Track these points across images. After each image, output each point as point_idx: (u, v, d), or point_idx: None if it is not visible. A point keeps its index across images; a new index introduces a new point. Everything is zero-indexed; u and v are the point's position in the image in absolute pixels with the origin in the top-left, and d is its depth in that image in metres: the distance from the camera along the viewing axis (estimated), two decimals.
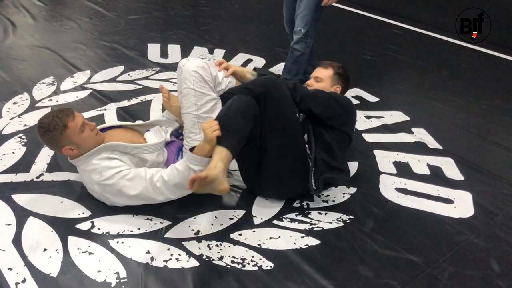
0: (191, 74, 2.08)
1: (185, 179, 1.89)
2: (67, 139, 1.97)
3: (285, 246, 1.96)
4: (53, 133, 1.94)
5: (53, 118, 1.95)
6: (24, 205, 2.09)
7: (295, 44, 3.05)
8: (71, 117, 1.97)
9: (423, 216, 2.19)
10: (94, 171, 2.00)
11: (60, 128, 1.94)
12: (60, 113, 1.97)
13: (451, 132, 2.96)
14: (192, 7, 5.29)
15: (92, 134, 2.03)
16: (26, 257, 1.82)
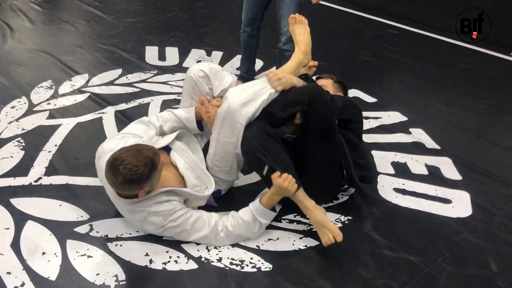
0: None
1: (249, 230, 1.93)
2: (150, 181, 1.74)
3: (284, 247, 1.96)
4: (142, 175, 1.69)
5: (142, 158, 1.69)
6: (22, 209, 2.09)
7: (285, 45, 3.03)
8: (159, 155, 1.75)
9: (421, 216, 2.20)
10: (155, 214, 1.84)
11: (148, 171, 1.70)
12: (148, 151, 1.72)
13: (449, 132, 2.96)
14: (190, 9, 5.30)
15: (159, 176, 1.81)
16: (25, 261, 1.82)
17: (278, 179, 1.88)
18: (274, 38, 4.29)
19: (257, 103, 2.00)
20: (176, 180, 1.97)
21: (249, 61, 3.44)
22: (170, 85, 3.36)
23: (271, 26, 4.66)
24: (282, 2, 2.94)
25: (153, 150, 1.76)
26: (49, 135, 2.67)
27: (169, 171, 1.98)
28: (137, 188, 1.74)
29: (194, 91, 2.23)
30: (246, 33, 3.28)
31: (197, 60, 3.85)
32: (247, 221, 1.92)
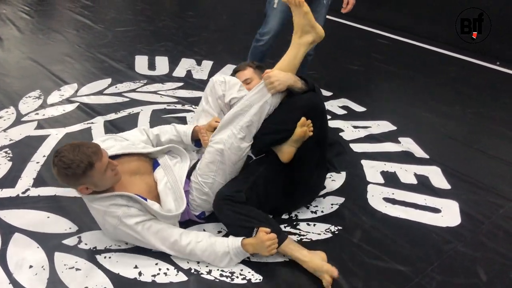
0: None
1: (217, 261, 1.89)
2: (88, 179, 1.76)
3: (274, 258, 1.95)
4: (75, 171, 1.72)
5: (78, 154, 1.72)
6: (9, 221, 2.07)
7: (312, 50, 3.01)
8: (99, 155, 1.75)
9: (411, 226, 2.21)
10: (111, 215, 1.84)
11: (83, 168, 1.72)
12: (88, 149, 1.74)
13: (437, 141, 2.99)
14: (180, 18, 5.31)
15: (113, 174, 1.81)
16: (12, 275, 1.79)
17: (264, 235, 1.85)
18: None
19: (251, 112, 1.99)
20: (146, 191, 1.94)
21: None
22: (160, 95, 3.35)
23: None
24: (315, 13, 2.83)
25: (93, 149, 1.76)
26: (37, 145, 2.65)
27: (143, 181, 1.98)
28: (74, 184, 1.78)
29: (211, 93, 2.25)
30: (267, 45, 3.13)
31: (187, 69, 3.85)
32: (220, 254, 1.87)
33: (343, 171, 2.53)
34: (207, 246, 1.88)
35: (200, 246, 1.88)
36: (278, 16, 2.99)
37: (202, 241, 1.90)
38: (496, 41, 4.40)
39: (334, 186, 2.45)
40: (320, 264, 1.86)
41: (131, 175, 1.98)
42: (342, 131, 3.01)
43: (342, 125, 3.08)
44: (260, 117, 2.01)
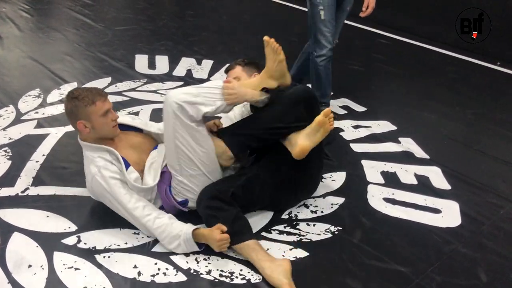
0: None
1: (166, 242, 1.92)
2: (87, 115, 1.97)
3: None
4: (79, 103, 1.96)
5: (86, 90, 2.00)
6: (8, 221, 2.06)
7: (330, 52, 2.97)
8: (103, 98, 2.00)
9: (411, 226, 2.20)
10: (93, 163, 2.00)
11: (87, 101, 1.96)
12: (95, 90, 2.02)
13: (437, 141, 2.98)
14: (180, 18, 5.30)
15: (111, 124, 2.03)
16: (11, 274, 1.79)
17: (216, 233, 1.87)
18: None
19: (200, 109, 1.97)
20: (135, 163, 2.06)
21: (330, 88, 3.12)
22: (160, 94, 3.34)
23: (261, 36, 4.69)
24: (339, 19, 2.97)
25: (100, 92, 2.02)
26: (36, 144, 2.64)
27: (137, 155, 2.11)
28: (76, 116, 1.99)
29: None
30: (329, 58, 2.97)
31: (187, 68, 3.84)
32: (171, 235, 1.91)
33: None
34: (164, 224, 1.93)
35: (157, 222, 1.94)
36: (328, 27, 2.90)
37: (162, 218, 1.95)
38: (496, 41, 4.40)
39: (334, 186, 2.45)
40: (278, 282, 1.79)
41: (131, 147, 2.13)
42: (342, 131, 3.01)
43: (342, 125, 3.08)
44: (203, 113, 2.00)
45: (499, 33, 4.33)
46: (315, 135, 2.02)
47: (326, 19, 2.89)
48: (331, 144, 2.71)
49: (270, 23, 5.27)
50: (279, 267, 1.83)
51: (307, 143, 2.01)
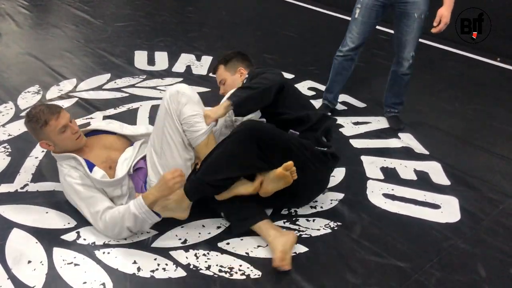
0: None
1: (122, 220, 1.91)
2: (45, 135, 2.02)
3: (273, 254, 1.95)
4: (34, 125, 2.01)
5: (39, 111, 2.02)
6: (8, 217, 2.06)
7: (408, 69, 2.91)
8: (56, 116, 2.01)
9: (410, 222, 2.20)
10: (61, 172, 2.07)
11: (41, 123, 2.00)
12: (47, 109, 2.03)
13: (437, 137, 2.98)
14: (180, 14, 5.29)
15: (73, 137, 2.05)
16: (10, 270, 1.79)
17: (167, 174, 1.86)
18: (264, 44, 4.30)
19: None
20: (103, 162, 2.08)
21: (340, 86, 3.13)
22: (159, 90, 3.34)
23: (261, 32, 4.68)
24: (407, 27, 2.78)
25: (52, 110, 2.02)
26: (36, 141, 2.62)
27: (108, 154, 2.12)
28: (37, 137, 2.06)
29: None
30: (347, 57, 2.98)
31: (186, 64, 3.84)
32: (125, 212, 1.90)
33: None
34: (121, 209, 1.92)
35: (113, 210, 1.95)
36: (358, 27, 2.86)
37: (120, 208, 1.95)
38: (496, 37, 4.38)
39: (334, 182, 2.45)
40: (275, 248, 1.89)
41: (102, 148, 2.16)
42: (342, 127, 3.00)
43: (342, 121, 3.07)
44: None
45: (499, 30, 4.32)
46: (278, 183, 1.96)
47: (359, 19, 2.85)
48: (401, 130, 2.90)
49: (269, 18, 5.26)
50: (282, 236, 1.92)
51: (269, 188, 1.98)
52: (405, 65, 2.88)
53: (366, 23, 2.84)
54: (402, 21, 2.78)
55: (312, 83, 3.62)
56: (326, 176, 2.24)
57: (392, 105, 3.08)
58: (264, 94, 2.08)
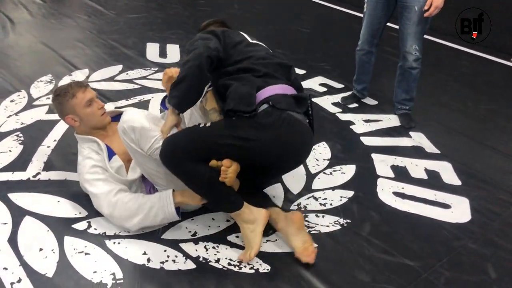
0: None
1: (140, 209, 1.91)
2: (72, 108, 2.07)
3: (282, 249, 1.96)
4: (62, 99, 2.07)
5: (67, 86, 2.10)
6: (20, 204, 2.09)
7: (414, 63, 2.91)
8: (83, 89, 2.08)
9: (420, 221, 2.20)
10: (81, 153, 2.09)
11: (69, 96, 2.05)
12: (74, 83, 2.12)
13: (448, 136, 2.96)
14: (192, 6, 5.28)
15: (98, 112, 2.10)
16: (22, 257, 1.81)
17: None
18: (276, 38, 4.29)
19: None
20: (124, 153, 2.07)
21: (366, 78, 3.22)
22: None
23: (273, 26, 4.66)
24: (408, 20, 2.79)
25: (79, 84, 2.10)
26: (48, 130, 2.66)
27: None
28: (62, 112, 2.11)
29: None
30: (363, 51, 3.09)
31: None
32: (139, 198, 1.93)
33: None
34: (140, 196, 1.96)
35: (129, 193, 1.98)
36: (366, 20, 2.97)
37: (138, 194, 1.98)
38: (509, 37, 4.34)
39: (344, 179, 2.44)
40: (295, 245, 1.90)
41: None
42: (353, 124, 2.99)
43: (352, 118, 3.06)
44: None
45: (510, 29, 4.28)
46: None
47: (367, 13, 2.96)
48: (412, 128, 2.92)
49: (281, 13, 5.23)
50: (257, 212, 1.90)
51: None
52: (410, 59, 2.90)
53: (373, 15, 2.92)
54: (404, 15, 2.83)
55: (323, 79, 3.60)
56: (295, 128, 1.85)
57: (402, 102, 3.07)
58: (196, 79, 1.85)
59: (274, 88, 1.88)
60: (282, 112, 1.81)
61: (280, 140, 1.81)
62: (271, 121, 1.79)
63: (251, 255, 1.86)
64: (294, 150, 1.89)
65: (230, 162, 1.80)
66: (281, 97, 1.85)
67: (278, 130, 1.80)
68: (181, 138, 1.85)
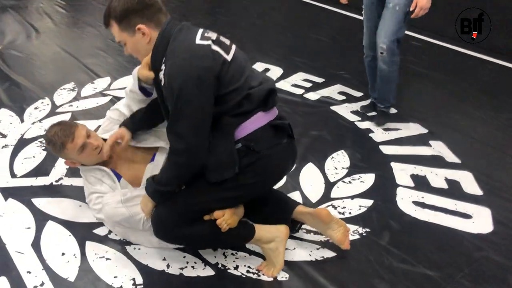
0: None
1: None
2: (66, 155, 2.00)
3: (301, 257, 1.96)
4: (53, 148, 1.98)
5: (54, 134, 1.94)
6: (43, 209, 2.13)
7: (382, 62, 2.89)
8: (71, 138, 1.93)
9: (440, 231, 2.17)
10: (85, 184, 2.04)
11: (58, 146, 1.94)
12: (61, 131, 1.93)
13: (469, 145, 2.92)
14: (211, 15, 5.34)
15: (94, 153, 1.97)
16: (45, 261, 1.85)
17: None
18: (294, 46, 4.31)
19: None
20: (131, 178, 2.04)
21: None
22: None
23: (292, 34, 4.68)
24: (382, 17, 2.78)
25: (67, 132, 1.93)
26: None
27: (133, 169, 2.06)
28: (60, 156, 2.07)
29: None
30: (369, 57, 3.06)
31: None
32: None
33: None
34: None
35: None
36: (365, 25, 2.99)
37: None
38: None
39: (363, 188, 2.43)
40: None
41: (126, 161, 2.09)
42: (372, 133, 2.98)
43: (372, 126, 3.05)
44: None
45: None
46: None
47: (365, 18, 2.97)
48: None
49: (300, 22, 5.25)
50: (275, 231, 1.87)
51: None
52: (379, 58, 2.88)
53: (370, 20, 2.92)
54: (383, 12, 2.81)
55: (342, 87, 3.60)
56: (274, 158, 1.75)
57: (377, 98, 3.12)
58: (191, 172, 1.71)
59: (252, 123, 1.70)
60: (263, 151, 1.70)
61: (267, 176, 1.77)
62: (253, 162, 1.69)
63: (274, 273, 1.85)
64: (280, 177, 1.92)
65: (222, 212, 1.74)
66: (260, 133, 1.70)
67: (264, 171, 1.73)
68: (167, 215, 1.74)
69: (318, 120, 3.11)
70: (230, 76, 1.64)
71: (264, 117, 1.72)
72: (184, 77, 1.56)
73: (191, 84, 1.55)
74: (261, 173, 1.73)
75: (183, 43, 1.65)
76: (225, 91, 1.63)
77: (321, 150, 2.75)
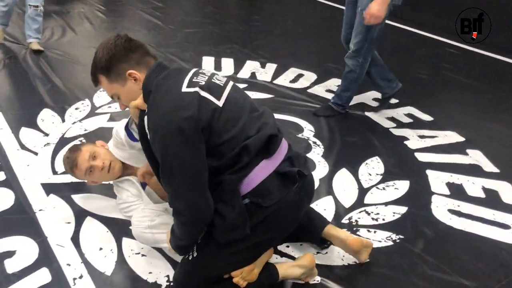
0: None
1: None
2: (81, 178, 2.04)
3: (333, 261, 1.95)
4: (66, 171, 2.05)
5: (63, 162, 2.03)
6: (82, 205, 2.20)
7: (349, 62, 3.05)
8: (74, 167, 1.95)
9: (477, 240, 2.12)
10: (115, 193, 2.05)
11: (70, 173, 2.02)
12: (67, 159, 1.98)
13: (508, 155, 2.85)
14: (246, 22, 5.40)
15: (102, 173, 1.97)
16: (84, 255, 1.91)
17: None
18: (328, 52, 4.31)
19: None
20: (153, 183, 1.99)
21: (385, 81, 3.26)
22: None
23: (325, 41, 4.68)
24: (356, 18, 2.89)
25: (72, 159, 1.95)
26: (109, 136, 2.76)
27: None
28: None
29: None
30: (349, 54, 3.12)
31: (251, 71, 3.91)
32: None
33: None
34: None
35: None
36: (344, 22, 3.11)
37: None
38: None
39: (397, 195, 2.41)
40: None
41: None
42: (407, 140, 2.95)
43: (407, 133, 3.01)
44: None
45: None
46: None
47: (344, 15, 3.09)
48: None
49: (334, 28, 5.24)
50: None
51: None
52: (347, 55, 3.02)
53: (346, 18, 3.04)
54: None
55: (376, 93, 3.57)
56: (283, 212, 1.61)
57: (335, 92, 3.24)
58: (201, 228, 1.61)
59: (257, 175, 1.56)
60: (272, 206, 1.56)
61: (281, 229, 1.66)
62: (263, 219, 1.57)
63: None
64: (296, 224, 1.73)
65: (239, 271, 1.66)
66: (267, 184, 1.56)
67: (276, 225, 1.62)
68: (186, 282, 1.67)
69: (352, 126, 3.10)
70: (222, 123, 1.50)
71: (269, 166, 1.57)
72: (165, 132, 1.44)
73: (174, 139, 1.43)
74: (273, 228, 1.61)
75: (166, 94, 1.51)
76: (219, 140, 1.50)
77: (355, 156, 2.74)
